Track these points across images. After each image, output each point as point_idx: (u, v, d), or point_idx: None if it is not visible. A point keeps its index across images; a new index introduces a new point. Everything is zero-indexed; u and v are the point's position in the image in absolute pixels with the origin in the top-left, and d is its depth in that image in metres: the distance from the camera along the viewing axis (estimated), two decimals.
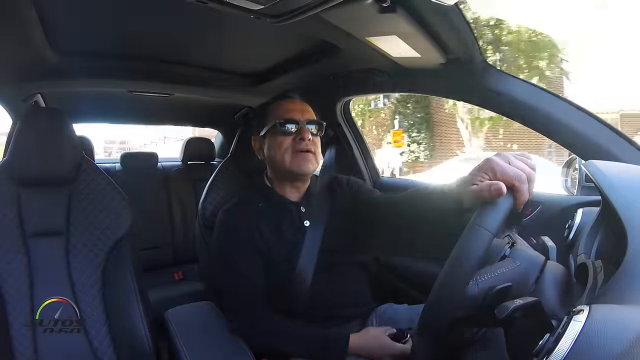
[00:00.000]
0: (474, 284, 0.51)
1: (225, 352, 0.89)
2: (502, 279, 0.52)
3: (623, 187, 0.58)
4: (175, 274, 2.06)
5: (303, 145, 0.93)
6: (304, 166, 0.94)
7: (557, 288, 0.55)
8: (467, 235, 0.51)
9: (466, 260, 0.50)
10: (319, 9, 0.70)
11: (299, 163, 0.93)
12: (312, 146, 0.94)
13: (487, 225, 0.51)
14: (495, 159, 0.57)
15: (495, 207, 0.52)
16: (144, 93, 1.51)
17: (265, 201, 0.98)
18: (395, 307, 0.98)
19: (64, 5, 0.86)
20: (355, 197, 1.02)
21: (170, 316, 1.03)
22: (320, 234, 0.94)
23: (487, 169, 0.57)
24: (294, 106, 0.98)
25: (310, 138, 0.93)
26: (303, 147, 0.93)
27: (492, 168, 0.56)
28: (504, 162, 0.56)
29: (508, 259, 0.55)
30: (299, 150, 0.93)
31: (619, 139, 0.84)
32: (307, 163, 0.94)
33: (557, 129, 0.89)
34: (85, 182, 1.00)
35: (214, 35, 1.06)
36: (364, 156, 1.53)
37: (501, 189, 0.53)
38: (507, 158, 0.57)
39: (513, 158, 0.57)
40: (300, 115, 0.96)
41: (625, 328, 0.34)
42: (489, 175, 0.56)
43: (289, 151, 0.93)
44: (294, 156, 0.93)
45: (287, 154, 0.94)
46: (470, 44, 0.89)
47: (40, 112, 1.19)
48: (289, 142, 0.94)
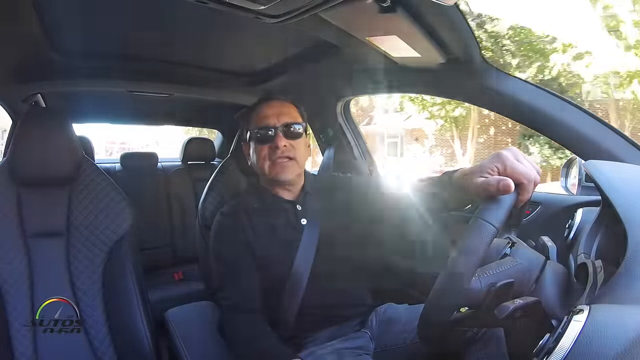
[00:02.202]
0: (477, 280, 0.51)
1: (225, 351, 0.89)
2: (505, 275, 0.52)
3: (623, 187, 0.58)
4: (175, 274, 2.06)
5: (279, 153, 0.92)
6: (282, 174, 0.93)
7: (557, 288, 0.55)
8: (471, 229, 0.51)
9: (470, 254, 0.50)
10: (319, 9, 0.70)
11: (277, 171, 0.93)
12: (291, 151, 0.93)
13: (492, 220, 0.51)
14: (506, 153, 0.57)
15: (500, 202, 0.53)
16: (144, 93, 1.51)
17: (260, 202, 0.99)
18: (395, 307, 0.98)
19: (64, 5, 0.86)
20: (354, 195, 1.02)
21: (170, 316, 1.04)
22: (317, 232, 0.94)
23: (498, 162, 0.56)
24: (270, 111, 0.96)
25: (286, 144, 0.93)
26: (279, 155, 0.92)
27: (503, 162, 0.56)
28: (514, 158, 0.56)
29: (509, 257, 0.56)
30: (275, 158, 0.93)
31: (619, 139, 0.84)
32: (284, 171, 0.93)
33: (557, 129, 0.89)
34: (85, 182, 1.00)
35: (214, 35, 1.06)
36: (364, 156, 1.54)
37: (510, 186, 0.53)
38: (518, 155, 0.57)
39: (523, 157, 0.57)
40: (275, 120, 0.94)
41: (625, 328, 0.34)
42: (499, 167, 0.56)
43: (267, 160, 0.94)
44: (272, 164, 0.93)
45: (266, 163, 0.94)
46: (470, 44, 0.89)
47: (40, 112, 1.19)
48: (266, 151, 0.93)
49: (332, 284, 0.93)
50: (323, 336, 0.91)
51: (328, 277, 0.93)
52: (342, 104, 1.48)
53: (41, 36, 0.94)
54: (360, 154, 1.53)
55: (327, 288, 0.92)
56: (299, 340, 0.91)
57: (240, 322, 0.87)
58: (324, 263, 0.93)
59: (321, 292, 0.92)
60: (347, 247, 0.98)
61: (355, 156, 1.51)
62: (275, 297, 0.91)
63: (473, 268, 0.50)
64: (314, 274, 0.91)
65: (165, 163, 2.34)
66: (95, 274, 0.97)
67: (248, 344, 0.84)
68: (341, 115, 1.50)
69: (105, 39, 1.08)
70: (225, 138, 2.50)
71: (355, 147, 1.52)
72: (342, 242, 0.97)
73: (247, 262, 0.92)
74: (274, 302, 0.91)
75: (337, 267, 0.95)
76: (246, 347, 0.85)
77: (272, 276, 0.92)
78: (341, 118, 1.50)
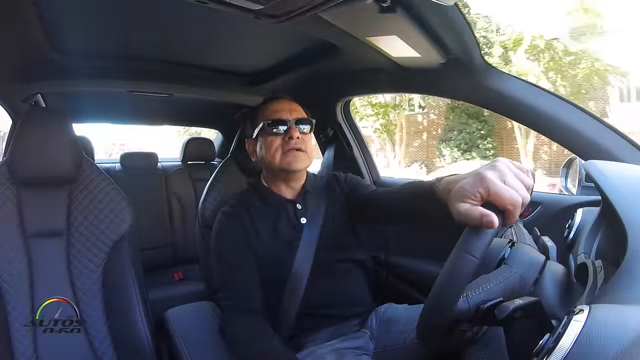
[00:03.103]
0: (464, 300, 0.51)
1: (225, 351, 0.89)
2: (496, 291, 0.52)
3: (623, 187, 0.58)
4: (175, 274, 2.06)
5: (292, 144, 0.94)
6: (294, 164, 0.94)
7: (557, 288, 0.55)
8: (452, 261, 0.50)
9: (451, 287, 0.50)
10: (319, 9, 0.70)
11: (289, 161, 0.94)
12: (302, 144, 0.95)
13: (474, 252, 0.49)
14: (490, 176, 0.52)
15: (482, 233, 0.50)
16: (144, 93, 1.51)
17: (261, 201, 0.99)
18: (395, 307, 0.98)
19: (65, 5, 0.86)
20: (353, 194, 1.02)
21: (170, 316, 1.04)
22: (317, 231, 0.94)
23: (481, 187, 0.52)
24: (282, 106, 0.98)
25: (299, 136, 0.94)
26: (292, 145, 0.94)
27: (486, 187, 0.51)
28: (499, 180, 0.51)
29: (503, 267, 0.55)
30: (288, 148, 0.94)
31: (619, 139, 0.84)
32: (297, 160, 0.94)
33: (557, 129, 0.89)
34: (85, 182, 1.00)
35: (214, 35, 1.06)
36: (364, 156, 1.54)
37: (493, 223, 0.49)
38: (504, 176, 0.52)
39: (510, 176, 0.52)
40: (288, 115, 0.96)
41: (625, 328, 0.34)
42: (482, 193, 0.51)
43: (279, 150, 0.95)
44: (284, 155, 0.94)
45: (278, 153, 0.95)
46: (471, 44, 0.89)
47: (40, 112, 1.19)
48: (279, 142, 0.95)
49: (331, 283, 0.93)
50: (323, 336, 0.91)
51: (327, 276, 0.93)
52: (342, 104, 1.48)
53: (41, 36, 0.94)
54: (360, 154, 1.53)
55: (326, 288, 0.93)
56: (299, 340, 0.91)
57: (241, 322, 0.87)
58: (324, 262, 0.93)
59: (321, 291, 0.91)
60: (346, 245, 0.98)
61: (355, 156, 1.51)
62: (275, 296, 0.91)
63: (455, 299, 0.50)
64: (314, 272, 0.91)
65: (165, 163, 2.34)
66: (95, 273, 0.97)
67: (248, 345, 0.84)
68: (341, 115, 1.50)
69: (106, 39, 1.08)
70: (225, 138, 2.50)
71: (355, 147, 1.52)
72: (341, 241, 0.97)
73: (249, 262, 0.92)
74: (273, 301, 0.91)
75: (337, 266, 0.95)
76: (247, 348, 0.84)
77: (272, 276, 0.92)
78: (341, 118, 1.50)
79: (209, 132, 3.77)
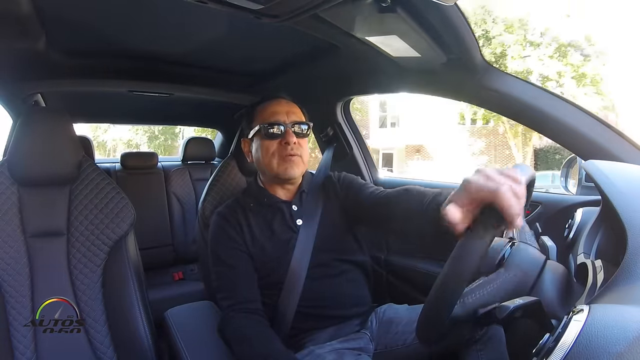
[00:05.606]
0: (460, 304, 0.51)
1: (225, 352, 0.89)
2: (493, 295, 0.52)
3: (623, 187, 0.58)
4: (175, 274, 2.06)
5: (289, 150, 0.93)
6: (291, 171, 0.94)
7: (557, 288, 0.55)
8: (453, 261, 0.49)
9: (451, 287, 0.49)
10: (318, 9, 0.70)
11: (285, 168, 0.94)
12: (299, 149, 0.94)
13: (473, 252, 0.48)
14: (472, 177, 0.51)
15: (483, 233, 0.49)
16: (144, 93, 1.51)
17: (257, 201, 0.99)
18: (395, 307, 0.98)
19: (64, 5, 0.86)
20: (347, 193, 1.01)
21: (170, 316, 1.04)
22: (313, 232, 0.94)
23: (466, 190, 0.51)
24: (279, 108, 0.97)
25: (295, 142, 0.93)
26: (289, 152, 0.93)
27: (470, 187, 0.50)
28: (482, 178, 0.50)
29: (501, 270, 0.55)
30: (285, 155, 0.93)
31: (619, 139, 0.84)
32: (293, 168, 0.94)
33: (557, 129, 0.89)
34: (86, 182, 1.00)
35: (214, 35, 1.06)
36: (363, 156, 1.54)
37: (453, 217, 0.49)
38: (486, 173, 0.50)
39: (493, 172, 0.50)
40: (285, 118, 0.95)
41: (625, 328, 0.34)
42: (469, 194, 0.50)
43: (275, 156, 0.94)
44: (280, 161, 0.94)
45: (274, 159, 0.94)
46: (470, 44, 0.89)
47: (40, 112, 1.19)
48: (275, 147, 0.94)
49: (329, 284, 0.93)
50: (323, 336, 0.91)
51: (325, 276, 0.93)
52: (342, 104, 1.48)
53: (41, 36, 0.94)
54: (360, 154, 1.53)
55: (325, 288, 0.92)
56: (299, 340, 0.91)
57: (240, 323, 0.87)
58: (321, 263, 0.93)
59: (320, 292, 0.91)
60: (343, 245, 0.98)
61: (355, 156, 1.51)
62: (273, 297, 0.91)
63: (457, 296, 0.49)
64: (311, 273, 0.91)
65: (165, 163, 2.34)
66: (96, 273, 0.97)
67: (248, 346, 0.84)
68: (341, 115, 1.50)
69: (105, 39, 1.08)
70: (225, 138, 2.50)
71: (355, 147, 1.52)
72: (338, 241, 0.97)
73: (245, 263, 0.92)
74: (272, 302, 0.91)
75: (334, 266, 0.95)
76: (246, 348, 0.84)
77: (269, 276, 0.92)
78: (341, 118, 1.50)
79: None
